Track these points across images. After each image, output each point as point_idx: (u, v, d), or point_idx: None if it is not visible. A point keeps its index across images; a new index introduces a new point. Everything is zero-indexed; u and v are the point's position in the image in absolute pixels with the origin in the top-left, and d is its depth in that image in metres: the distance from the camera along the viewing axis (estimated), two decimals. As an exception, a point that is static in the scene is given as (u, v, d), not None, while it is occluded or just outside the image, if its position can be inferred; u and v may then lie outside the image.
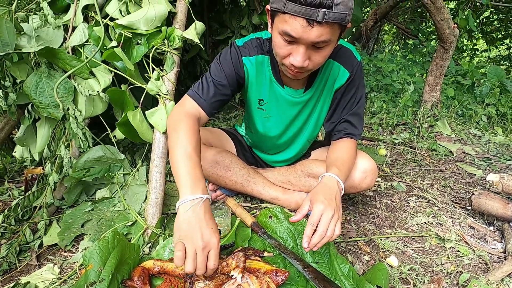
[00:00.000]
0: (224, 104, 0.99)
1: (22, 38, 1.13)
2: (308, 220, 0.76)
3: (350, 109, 1.03)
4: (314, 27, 0.70)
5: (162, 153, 1.03)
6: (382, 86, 3.00)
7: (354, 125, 1.04)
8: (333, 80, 1.00)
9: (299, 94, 1.01)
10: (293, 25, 0.71)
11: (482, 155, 1.88)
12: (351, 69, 0.98)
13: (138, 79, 1.14)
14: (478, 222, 1.17)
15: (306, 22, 0.70)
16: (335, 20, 0.70)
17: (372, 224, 1.12)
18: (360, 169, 1.04)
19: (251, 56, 0.97)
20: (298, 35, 0.72)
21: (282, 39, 0.77)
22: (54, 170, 1.07)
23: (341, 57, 0.97)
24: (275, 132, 1.12)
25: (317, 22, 0.69)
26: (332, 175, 0.86)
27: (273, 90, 1.01)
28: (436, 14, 1.89)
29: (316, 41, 0.73)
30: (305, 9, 0.68)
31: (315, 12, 0.68)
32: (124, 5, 1.14)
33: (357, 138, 1.05)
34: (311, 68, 0.83)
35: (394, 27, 5.33)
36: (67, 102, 1.09)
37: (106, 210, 1.05)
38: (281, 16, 0.74)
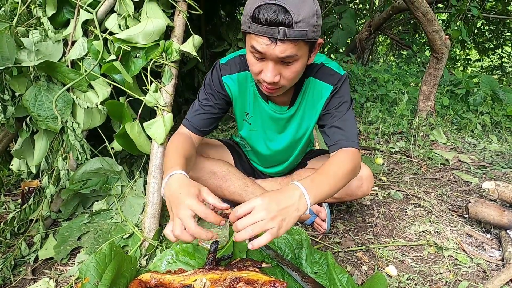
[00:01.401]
0: (215, 120, 1.05)
1: (22, 52, 1.14)
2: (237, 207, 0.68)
3: (339, 117, 1.00)
4: (277, 45, 0.74)
5: (159, 164, 1.03)
6: (378, 96, 3.05)
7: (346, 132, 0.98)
8: (317, 97, 1.00)
9: (283, 110, 1.03)
10: (258, 42, 0.76)
11: (478, 163, 1.90)
12: (334, 83, 0.98)
13: (136, 92, 1.15)
14: (476, 230, 1.18)
15: (269, 40, 0.74)
16: (296, 37, 0.73)
17: (370, 233, 1.12)
18: (356, 177, 1.04)
19: (233, 74, 1.01)
20: (264, 51, 0.76)
21: (253, 56, 0.81)
22: (51, 183, 1.07)
23: (323, 74, 0.98)
24: (263, 145, 1.14)
25: (279, 39, 0.73)
26: (296, 184, 0.74)
27: (257, 104, 1.04)
28: (428, 26, 1.94)
29: (281, 57, 0.76)
30: (266, 28, 0.73)
31: (275, 30, 0.72)
32: (123, 19, 1.17)
33: (353, 146, 0.97)
34: (284, 84, 0.84)
35: (388, 38, 5.45)
36: (65, 114, 1.10)
37: (103, 222, 1.05)
38: (248, 35, 0.79)
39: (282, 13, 0.71)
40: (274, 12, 0.71)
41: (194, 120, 1.01)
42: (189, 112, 1.04)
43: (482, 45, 5.73)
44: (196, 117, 1.01)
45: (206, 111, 1.02)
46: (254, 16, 0.74)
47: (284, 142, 1.12)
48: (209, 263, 0.80)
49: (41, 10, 1.20)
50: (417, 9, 1.88)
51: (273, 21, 0.71)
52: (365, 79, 3.34)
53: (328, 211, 1.09)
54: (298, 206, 0.71)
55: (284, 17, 0.71)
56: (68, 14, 1.21)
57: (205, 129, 1.03)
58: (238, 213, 0.68)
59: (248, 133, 1.13)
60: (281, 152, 1.16)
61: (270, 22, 0.72)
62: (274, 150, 1.15)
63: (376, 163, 1.82)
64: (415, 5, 1.87)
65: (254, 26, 0.74)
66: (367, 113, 2.68)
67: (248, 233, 0.65)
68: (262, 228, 0.65)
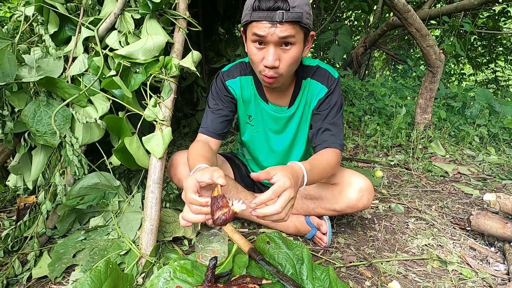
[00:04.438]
0: (228, 123, 1.11)
1: (23, 68, 1.16)
2: (272, 187, 0.66)
3: (331, 119, 1.05)
4: (277, 27, 0.84)
5: (158, 179, 1.02)
6: (375, 110, 3.07)
7: (334, 134, 1.04)
8: (313, 96, 1.09)
9: (283, 110, 1.11)
10: (260, 27, 0.85)
11: (478, 175, 1.89)
12: (329, 85, 1.07)
13: (136, 106, 1.16)
14: (479, 243, 1.16)
15: (269, 23, 0.84)
16: (294, 19, 0.83)
17: (372, 248, 1.10)
18: (356, 189, 1.04)
19: (234, 78, 1.11)
20: (265, 33, 0.85)
21: (254, 46, 0.90)
22: (48, 198, 1.05)
23: (319, 76, 1.08)
24: (264, 147, 1.18)
25: (278, 22, 0.83)
26: (300, 165, 0.81)
27: (258, 106, 1.11)
28: (422, 41, 1.99)
29: (281, 36, 0.84)
30: (266, 13, 0.83)
31: (275, 14, 0.83)
32: (123, 36, 1.19)
33: (338, 148, 1.02)
34: (283, 71, 0.91)
35: (384, 53, 5.56)
36: (64, 129, 1.10)
37: (100, 239, 1.02)
38: (250, 25, 0.89)
39: (280, 0, 0.82)
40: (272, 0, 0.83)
41: (209, 125, 1.08)
42: (203, 120, 1.11)
43: (476, 60, 5.85)
44: (211, 121, 1.08)
45: (218, 114, 1.09)
46: (254, 6, 0.85)
47: (285, 142, 1.17)
48: (208, 280, 0.78)
49: (43, 28, 1.23)
50: (411, 25, 1.93)
51: (272, 6, 0.82)
52: (362, 93, 3.39)
53: (329, 224, 1.07)
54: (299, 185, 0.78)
55: (282, 3, 0.82)
56: (69, 32, 1.23)
57: (221, 131, 1.09)
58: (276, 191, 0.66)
59: (251, 135, 1.19)
60: (281, 154, 1.19)
61: (269, 8, 0.83)
62: (275, 151, 1.19)
63: (376, 176, 1.81)
64: (409, 21, 1.92)
65: (255, 14, 0.85)
66: (365, 126, 2.70)
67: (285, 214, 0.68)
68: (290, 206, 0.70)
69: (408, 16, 1.88)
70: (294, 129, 1.13)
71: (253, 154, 1.24)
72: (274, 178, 0.67)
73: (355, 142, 2.46)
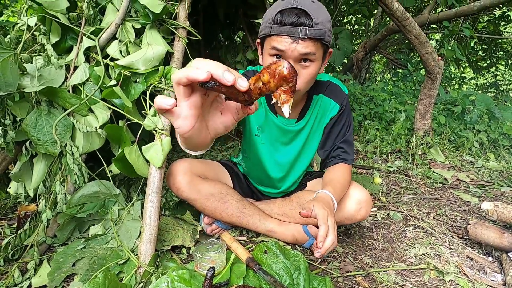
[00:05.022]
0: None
1: (25, 77, 1.17)
2: (320, 219, 0.77)
3: (342, 137, 1.11)
4: (299, 43, 0.81)
5: (157, 188, 1.03)
6: (375, 115, 3.08)
7: (347, 151, 1.11)
8: (325, 113, 1.08)
9: (291, 123, 1.09)
10: (280, 42, 0.83)
11: (477, 181, 1.89)
12: (340, 102, 1.08)
13: (136, 115, 1.17)
14: (477, 252, 1.16)
15: (291, 39, 0.81)
16: (316, 36, 0.81)
17: (369, 257, 1.10)
18: (354, 200, 1.05)
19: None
20: (286, 48, 0.82)
21: (271, 59, 0.87)
22: (48, 207, 1.06)
23: (331, 92, 1.07)
24: (269, 158, 1.17)
25: (300, 38, 0.81)
26: (327, 193, 0.91)
27: (267, 117, 1.10)
28: (421, 48, 2.00)
29: (302, 53, 0.82)
30: (289, 28, 0.81)
31: (297, 30, 0.80)
32: (124, 46, 1.21)
33: (350, 163, 1.11)
34: (299, 87, 0.89)
35: (385, 57, 5.58)
36: (65, 138, 1.11)
37: (99, 248, 1.03)
38: (269, 38, 0.86)
39: (304, 16, 0.80)
40: (296, 14, 0.80)
41: None
42: None
43: (476, 64, 5.86)
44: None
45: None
46: (276, 19, 0.82)
47: (291, 155, 1.16)
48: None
49: (45, 38, 1.24)
50: (410, 32, 1.95)
51: (295, 22, 0.80)
52: (362, 98, 3.40)
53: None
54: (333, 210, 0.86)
55: (305, 18, 0.80)
56: (71, 41, 1.25)
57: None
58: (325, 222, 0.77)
59: (256, 146, 1.17)
60: (286, 165, 1.18)
61: (292, 23, 0.80)
62: (280, 162, 1.17)
63: (375, 182, 1.81)
64: (407, 29, 1.93)
65: (276, 28, 0.82)
66: (365, 131, 2.71)
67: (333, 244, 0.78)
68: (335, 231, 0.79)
69: (407, 24, 1.90)
70: (301, 142, 1.12)
71: (256, 164, 1.21)
72: (314, 211, 0.78)
73: (355, 147, 2.46)
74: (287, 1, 0.83)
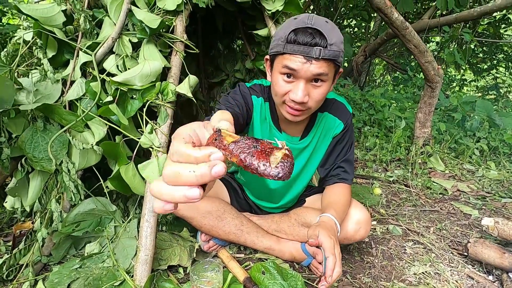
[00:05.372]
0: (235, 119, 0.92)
1: (21, 93, 1.16)
2: (327, 250, 0.77)
3: (343, 156, 1.10)
4: (313, 63, 0.79)
5: (153, 208, 1.02)
6: (375, 121, 3.07)
7: (347, 170, 1.10)
8: (329, 130, 1.07)
9: (295, 141, 1.08)
10: (293, 61, 0.80)
11: (477, 192, 1.88)
12: (345, 120, 1.07)
13: (132, 132, 1.16)
14: (477, 270, 1.15)
15: (304, 59, 0.79)
16: (330, 57, 0.79)
17: (368, 276, 1.09)
18: (353, 220, 1.03)
19: (258, 97, 1.05)
20: (298, 68, 0.80)
21: (282, 78, 0.85)
22: (44, 225, 1.05)
23: (336, 111, 1.06)
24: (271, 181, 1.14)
25: (314, 58, 0.79)
26: (331, 217, 0.90)
27: (272, 134, 1.07)
28: (420, 57, 1.99)
29: (315, 73, 0.80)
30: (302, 47, 0.79)
31: (312, 50, 0.78)
32: (121, 60, 1.20)
33: (349, 183, 1.10)
34: (310, 106, 0.87)
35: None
36: (61, 155, 1.10)
37: (95, 267, 1.02)
38: (280, 57, 0.84)
39: (318, 36, 0.78)
40: (310, 34, 0.78)
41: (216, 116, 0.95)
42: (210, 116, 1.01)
43: (477, 66, 5.85)
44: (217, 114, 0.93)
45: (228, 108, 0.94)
46: (289, 38, 0.80)
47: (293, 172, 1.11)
48: (200, 318, 0.77)
49: (42, 52, 1.23)
50: (409, 41, 1.93)
51: (310, 42, 0.78)
52: (362, 103, 3.39)
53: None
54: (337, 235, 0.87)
55: (320, 39, 0.78)
56: (68, 55, 1.24)
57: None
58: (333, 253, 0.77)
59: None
60: (287, 182, 1.16)
61: (306, 43, 0.78)
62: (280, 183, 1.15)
63: (375, 193, 1.80)
64: (407, 38, 1.92)
65: (290, 47, 0.80)
66: (364, 138, 2.69)
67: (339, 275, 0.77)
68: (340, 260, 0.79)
69: (406, 33, 1.89)
70: (304, 160, 1.10)
71: (253, 180, 1.20)
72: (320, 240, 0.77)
73: (354, 155, 2.45)
74: (301, 20, 0.81)
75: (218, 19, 1.92)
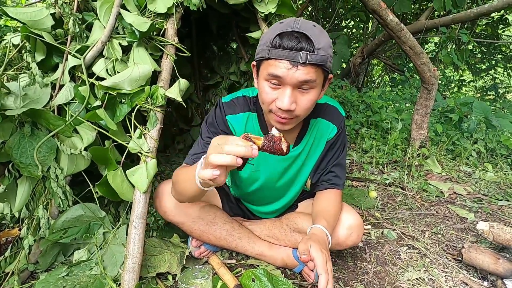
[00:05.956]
0: None
1: (9, 97, 1.14)
2: (320, 267, 0.73)
3: (335, 160, 1.07)
4: (299, 68, 0.75)
5: (141, 214, 1.00)
6: (372, 122, 3.06)
7: (338, 175, 1.07)
8: (322, 135, 1.04)
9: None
10: (278, 67, 0.77)
11: (474, 195, 1.86)
12: (338, 124, 1.04)
13: (122, 136, 1.14)
14: (472, 275, 1.13)
15: (290, 64, 0.75)
16: (318, 62, 0.75)
17: (361, 282, 1.07)
18: (345, 226, 1.02)
19: (236, 114, 1.01)
20: (284, 75, 0.76)
21: (268, 84, 0.81)
22: (31, 233, 1.03)
23: (329, 115, 1.04)
24: (264, 187, 1.11)
25: (300, 63, 0.75)
26: (322, 228, 0.87)
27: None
28: (416, 59, 1.98)
29: (302, 80, 0.76)
30: (288, 52, 0.75)
31: (298, 54, 0.74)
32: (111, 63, 1.18)
33: (340, 188, 1.07)
34: (298, 114, 0.83)
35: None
36: (48, 161, 1.08)
37: (82, 275, 1.00)
38: (266, 62, 0.80)
39: (304, 40, 0.75)
40: (296, 38, 0.75)
41: (195, 156, 0.99)
42: (193, 149, 1.02)
43: (475, 66, 5.84)
44: (200, 155, 0.96)
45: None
46: (274, 43, 0.76)
47: (285, 180, 1.10)
48: (186, 328, 0.75)
49: (30, 56, 1.22)
50: (404, 43, 1.92)
51: (296, 46, 0.74)
52: (359, 105, 3.37)
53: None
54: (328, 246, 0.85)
55: (306, 43, 0.74)
56: (57, 59, 1.22)
57: None
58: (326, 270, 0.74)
59: (249, 173, 1.09)
60: (283, 189, 1.14)
61: (292, 47, 0.74)
62: (273, 187, 1.12)
63: (370, 196, 1.78)
64: (402, 40, 1.90)
65: (274, 51, 0.76)
66: (361, 140, 2.68)
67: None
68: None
69: (401, 35, 1.87)
70: (297, 167, 1.07)
71: (246, 187, 1.16)
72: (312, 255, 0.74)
73: (351, 157, 2.44)
74: (286, 23, 0.77)
75: (212, 21, 1.91)
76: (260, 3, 1.37)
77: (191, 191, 0.86)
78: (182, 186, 0.89)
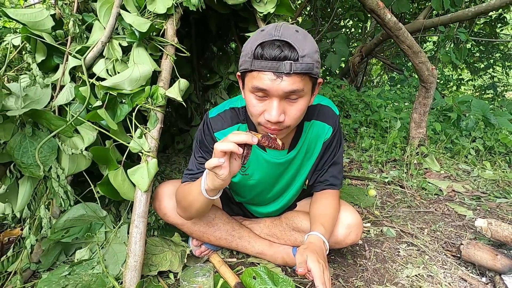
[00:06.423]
0: None
1: (10, 98, 1.15)
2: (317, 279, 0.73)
3: (331, 159, 1.05)
4: (283, 79, 0.72)
5: (143, 212, 1.01)
6: (371, 121, 3.07)
7: (335, 175, 1.06)
8: (318, 137, 1.02)
9: (283, 155, 1.00)
10: (262, 79, 0.73)
11: (472, 192, 1.88)
12: (333, 124, 1.01)
13: (122, 136, 1.15)
14: (470, 272, 1.14)
15: (274, 76, 0.71)
16: (303, 71, 0.71)
17: (361, 279, 1.08)
18: (344, 224, 1.02)
19: (225, 129, 0.98)
20: (268, 87, 0.73)
21: (254, 97, 0.78)
22: (32, 232, 1.04)
23: (323, 116, 1.01)
24: (261, 191, 1.11)
25: (285, 74, 0.71)
26: (319, 235, 0.87)
27: (255, 155, 1.00)
28: (414, 58, 1.99)
29: (287, 91, 0.73)
30: (271, 63, 0.71)
31: (281, 65, 0.70)
32: (111, 64, 1.19)
33: (338, 188, 1.06)
34: (289, 124, 0.80)
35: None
36: (50, 161, 1.09)
37: (84, 274, 1.01)
38: (249, 74, 0.76)
39: (287, 48, 0.70)
40: (279, 47, 0.71)
41: (192, 174, 1.01)
42: (189, 169, 1.02)
43: (473, 65, 5.86)
44: (197, 175, 0.98)
45: (202, 164, 0.99)
46: (256, 53, 0.72)
47: (281, 185, 1.09)
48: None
49: (31, 57, 1.22)
50: (403, 42, 1.93)
51: (278, 55, 0.70)
52: (358, 104, 3.38)
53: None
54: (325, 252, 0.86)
55: (289, 51, 0.70)
56: (57, 60, 1.23)
57: None
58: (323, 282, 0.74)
59: (244, 182, 1.07)
60: (280, 192, 1.13)
61: (275, 57, 0.70)
62: (269, 192, 1.11)
63: (369, 195, 1.79)
64: (400, 39, 1.92)
65: (257, 63, 0.72)
66: (360, 139, 2.69)
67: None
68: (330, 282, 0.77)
69: (400, 34, 1.88)
70: (293, 171, 1.05)
71: (244, 194, 1.15)
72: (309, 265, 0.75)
73: (350, 156, 2.45)
74: (267, 31, 0.73)
75: (211, 21, 1.92)
76: (259, 3, 1.38)
77: (197, 204, 0.88)
78: (188, 200, 0.91)
